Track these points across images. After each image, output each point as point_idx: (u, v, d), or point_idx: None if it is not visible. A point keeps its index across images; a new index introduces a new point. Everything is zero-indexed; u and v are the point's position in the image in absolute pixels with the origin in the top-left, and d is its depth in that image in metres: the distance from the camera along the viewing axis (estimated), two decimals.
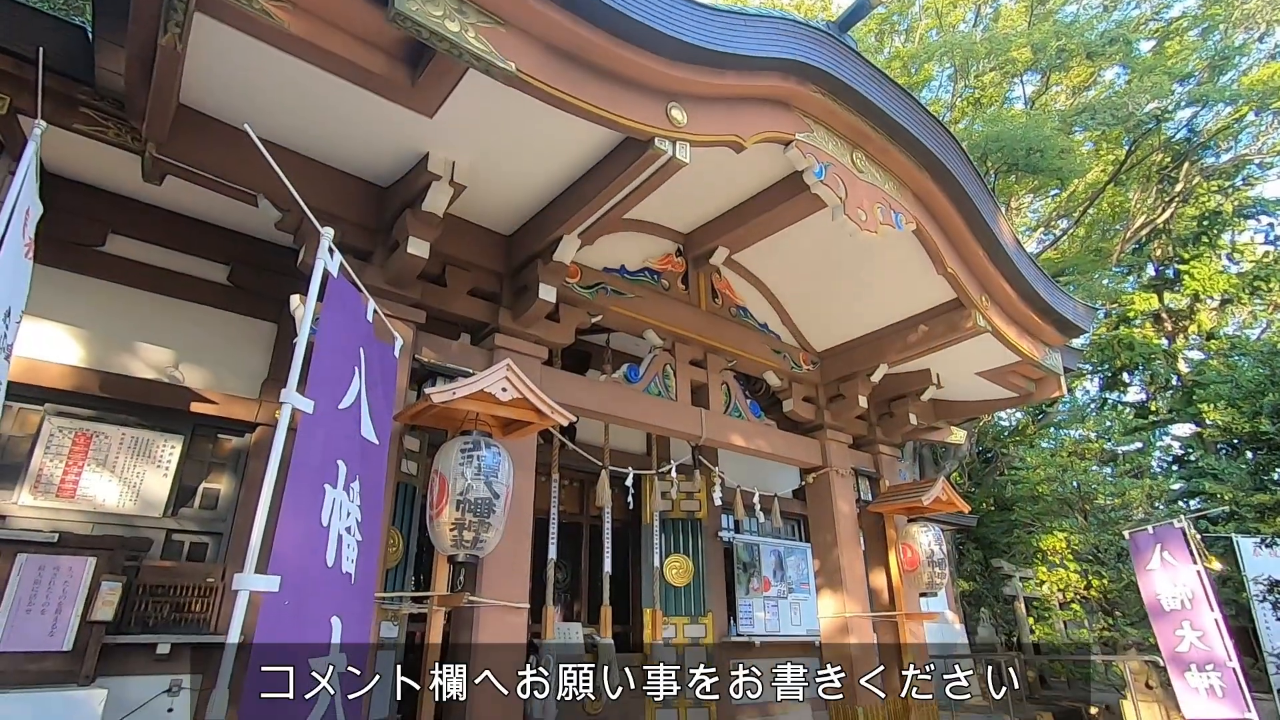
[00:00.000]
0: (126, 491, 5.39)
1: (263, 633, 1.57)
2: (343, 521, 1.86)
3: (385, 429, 2.24)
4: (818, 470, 7.01)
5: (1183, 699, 6.34)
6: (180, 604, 5.27)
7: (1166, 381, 18.77)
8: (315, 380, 1.83)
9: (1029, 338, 6.53)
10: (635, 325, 5.85)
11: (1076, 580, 12.75)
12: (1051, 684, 14.36)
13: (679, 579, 8.10)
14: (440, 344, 4.67)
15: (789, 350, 7.07)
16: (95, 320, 5.57)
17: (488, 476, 3.73)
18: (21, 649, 4.38)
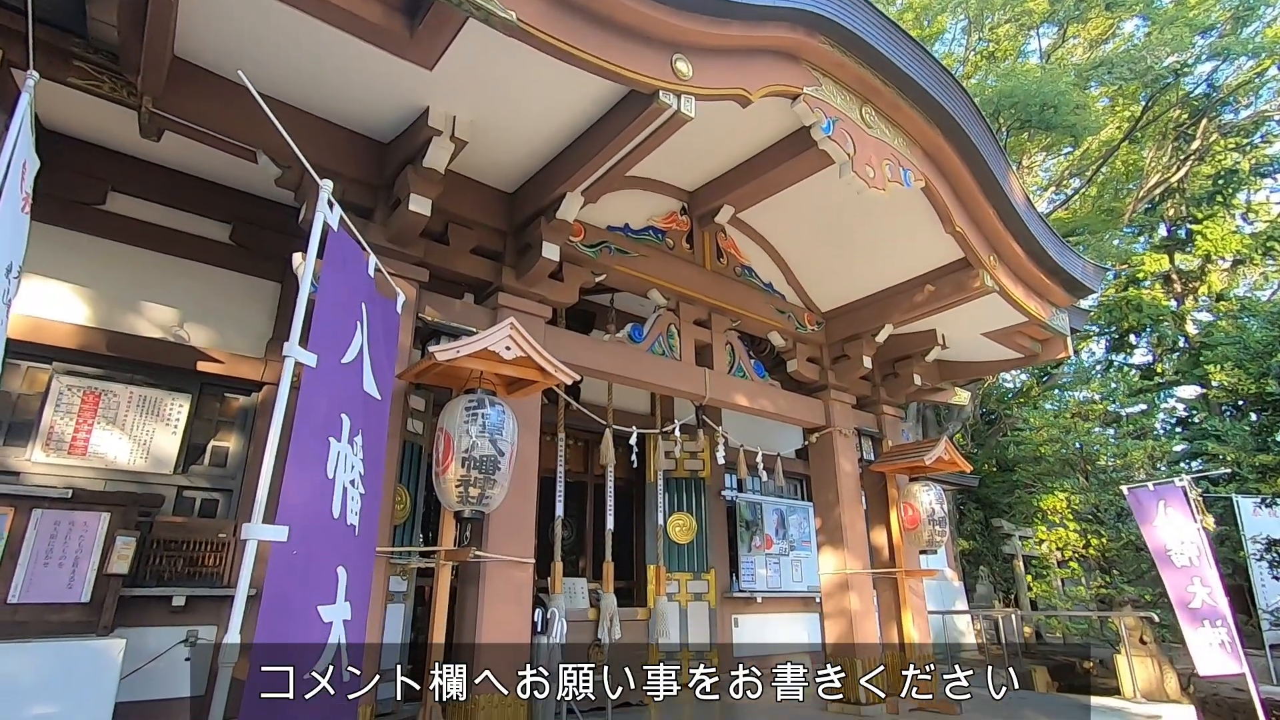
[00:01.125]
0: (137, 449, 5.46)
1: (272, 581, 1.60)
2: (347, 474, 1.88)
3: (388, 385, 2.24)
4: (821, 430, 7.04)
5: (1196, 654, 6.42)
6: (194, 558, 5.39)
7: (1173, 343, 18.67)
8: (317, 335, 1.83)
9: (1036, 298, 6.48)
10: (639, 285, 5.82)
11: (1076, 539, 12.90)
12: (1047, 639, 14.66)
13: (682, 536, 8.23)
14: (444, 303, 4.65)
15: (794, 310, 7.04)
16: (99, 279, 5.56)
17: (492, 434, 3.76)
18: (42, 600, 4.50)
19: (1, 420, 5.06)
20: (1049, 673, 10.47)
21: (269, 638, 1.56)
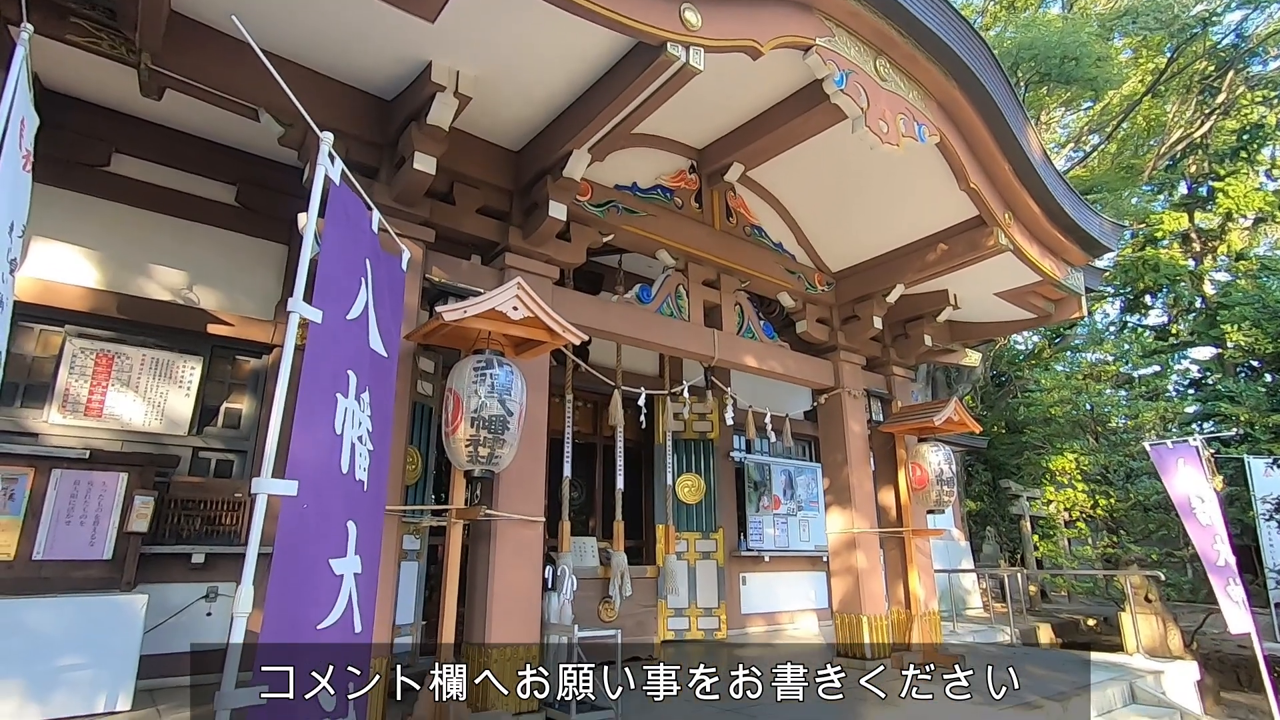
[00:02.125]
0: (151, 411, 5.53)
1: (283, 534, 1.62)
2: (355, 430, 1.89)
3: (394, 343, 2.23)
4: (830, 391, 7.02)
5: (1226, 612, 6.46)
6: (211, 517, 5.50)
7: (1190, 304, 18.41)
8: (321, 291, 1.82)
9: (1051, 256, 6.37)
10: (647, 245, 5.76)
11: (1084, 500, 12.95)
12: (1052, 598, 14.83)
13: (691, 497, 8.30)
14: (450, 263, 4.63)
15: (804, 271, 6.96)
16: (107, 242, 5.57)
17: (501, 394, 3.77)
18: (65, 557, 4.62)
19: (17, 382, 5.13)
20: (1052, 629, 10.62)
21: (281, 589, 1.59)
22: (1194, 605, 11.98)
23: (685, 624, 7.87)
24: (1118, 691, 5.55)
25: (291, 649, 1.63)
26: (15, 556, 4.46)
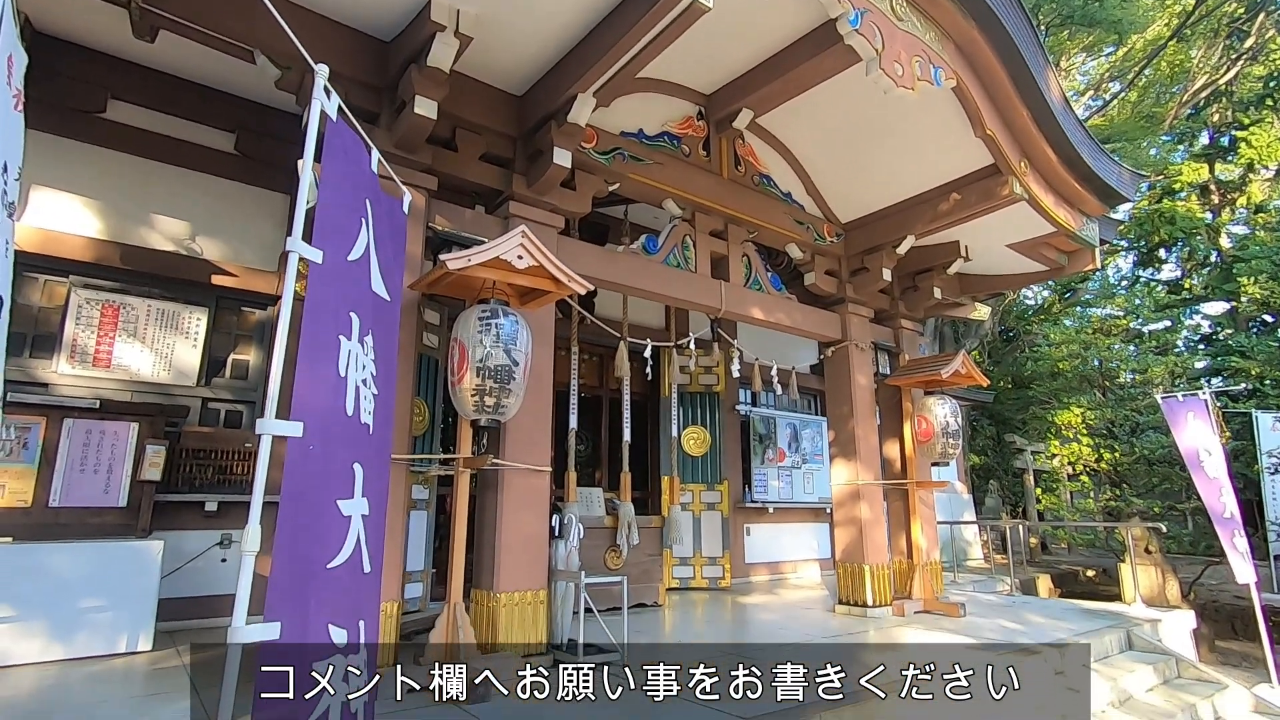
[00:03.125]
0: (159, 362, 5.55)
1: (290, 475, 1.63)
2: (359, 374, 1.88)
3: (397, 286, 2.20)
4: (837, 344, 6.98)
5: (1232, 562, 6.55)
6: (222, 467, 5.58)
7: (1205, 258, 18.12)
8: (321, 230, 1.78)
9: (1067, 206, 6.23)
10: (654, 194, 5.65)
11: (1088, 454, 12.98)
12: (1052, 550, 15.04)
13: (696, 449, 8.36)
14: (454, 212, 4.56)
15: (812, 221, 6.84)
16: (108, 191, 5.51)
17: (506, 344, 3.75)
18: (81, 504, 4.71)
19: (25, 333, 5.14)
20: (1052, 580, 10.79)
21: (289, 529, 1.60)
22: (1193, 557, 12.13)
23: (690, 573, 8.02)
24: (1115, 639, 5.65)
25: (302, 587, 1.65)
26: (33, 503, 4.55)
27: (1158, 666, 5.33)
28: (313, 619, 1.67)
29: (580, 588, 4.34)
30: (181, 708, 3.31)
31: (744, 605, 7.02)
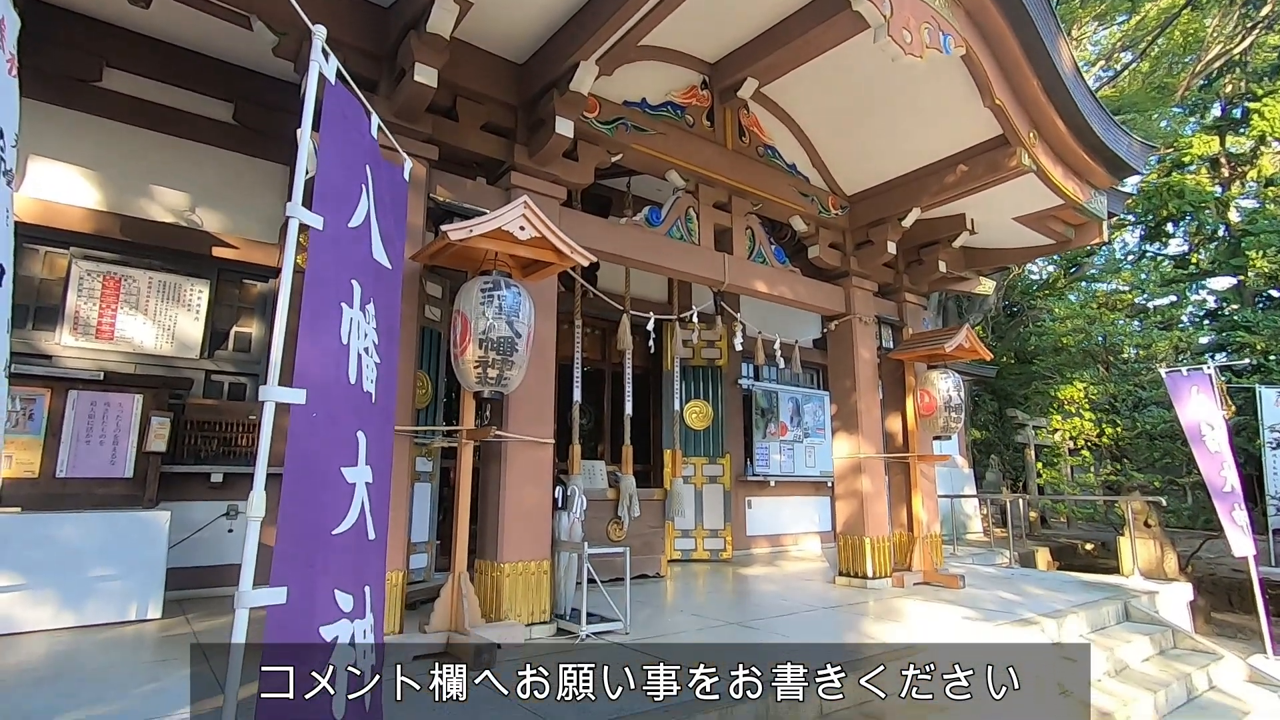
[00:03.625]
0: (162, 334, 5.55)
1: (294, 442, 1.63)
2: (361, 341, 1.87)
3: (398, 254, 2.18)
4: (841, 318, 6.95)
5: (1230, 536, 6.60)
6: (227, 438, 5.61)
7: (1213, 232, 17.95)
8: (321, 196, 1.76)
9: (1075, 179, 6.15)
10: (657, 165, 5.59)
11: (1090, 428, 13.02)
12: (1052, 524, 15.15)
13: (698, 423, 8.39)
14: (455, 182, 4.51)
15: (817, 194, 6.77)
16: (107, 162, 5.46)
17: (509, 316, 3.74)
18: (87, 475, 4.74)
19: (28, 305, 5.14)
20: (1051, 553, 10.89)
21: (294, 496, 1.61)
22: (1192, 532, 12.22)
23: (691, 544, 8.10)
24: (1112, 610, 5.71)
25: (307, 553, 1.66)
26: (40, 474, 4.59)
27: (1154, 637, 5.39)
28: (319, 584, 1.68)
29: (584, 558, 4.38)
30: (195, 672, 3.37)
31: (745, 576, 7.09)
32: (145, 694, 3.04)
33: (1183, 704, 4.63)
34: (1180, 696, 4.66)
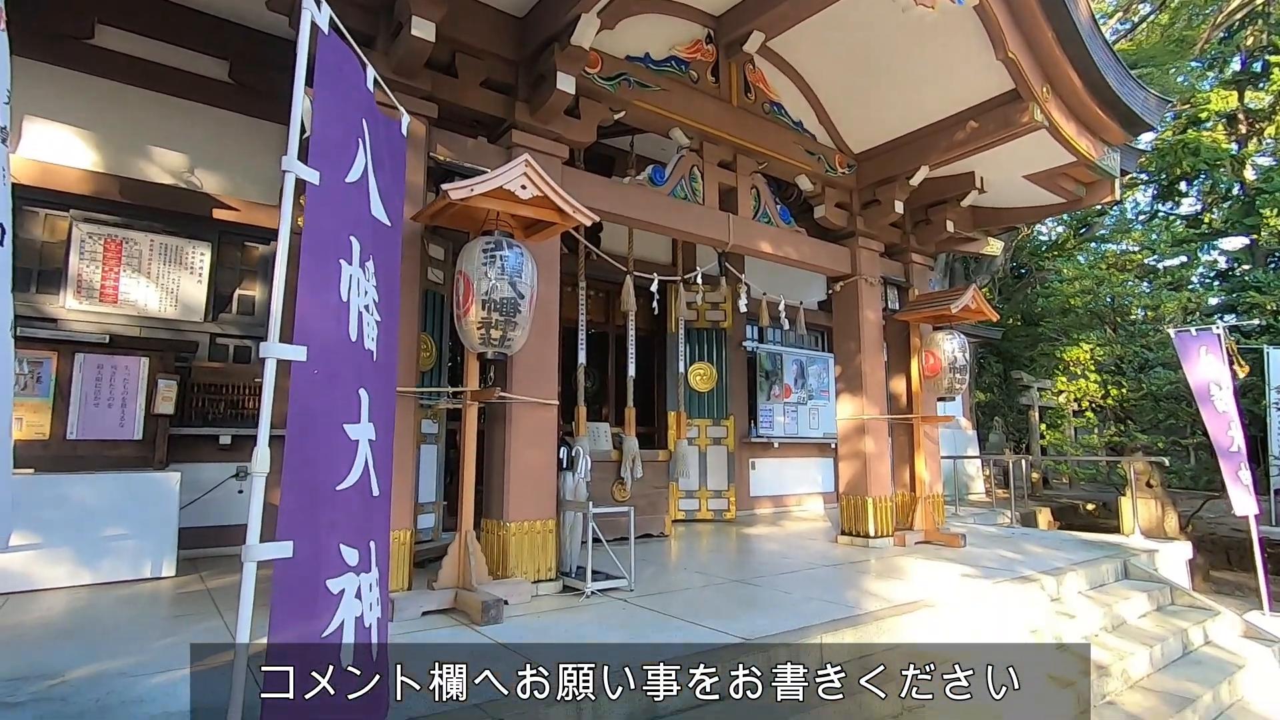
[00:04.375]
0: (165, 297, 5.55)
1: (295, 399, 1.63)
2: (361, 299, 1.86)
3: (397, 211, 2.15)
4: (847, 279, 6.89)
5: (1234, 496, 6.63)
6: (234, 401, 5.65)
7: (1227, 191, 17.63)
8: (317, 150, 1.73)
9: (1088, 135, 6.02)
10: (661, 122, 5.48)
11: (1095, 390, 12.99)
12: (1054, 485, 15.24)
13: (702, 385, 8.41)
14: (455, 141, 4.44)
15: (824, 152, 6.65)
16: (104, 122, 5.40)
17: (512, 277, 3.72)
18: (97, 437, 4.80)
19: (30, 268, 5.13)
20: (1052, 513, 10.96)
21: (297, 452, 1.62)
22: (1193, 492, 12.28)
23: (695, 505, 8.19)
24: (1111, 568, 5.77)
25: (312, 509, 1.68)
26: (50, 436, 4.64)
27: (1152, 594, 5.45)
28: (324, 539, 1.70)
29: (588, 517, 4.44)
30: (211, 626, 3.45)
31: (748, 536, 7.18)
32: (163, 647, 3.12)
33: (1178, 658, 4.71)
34: (1176, 651, 4.74)
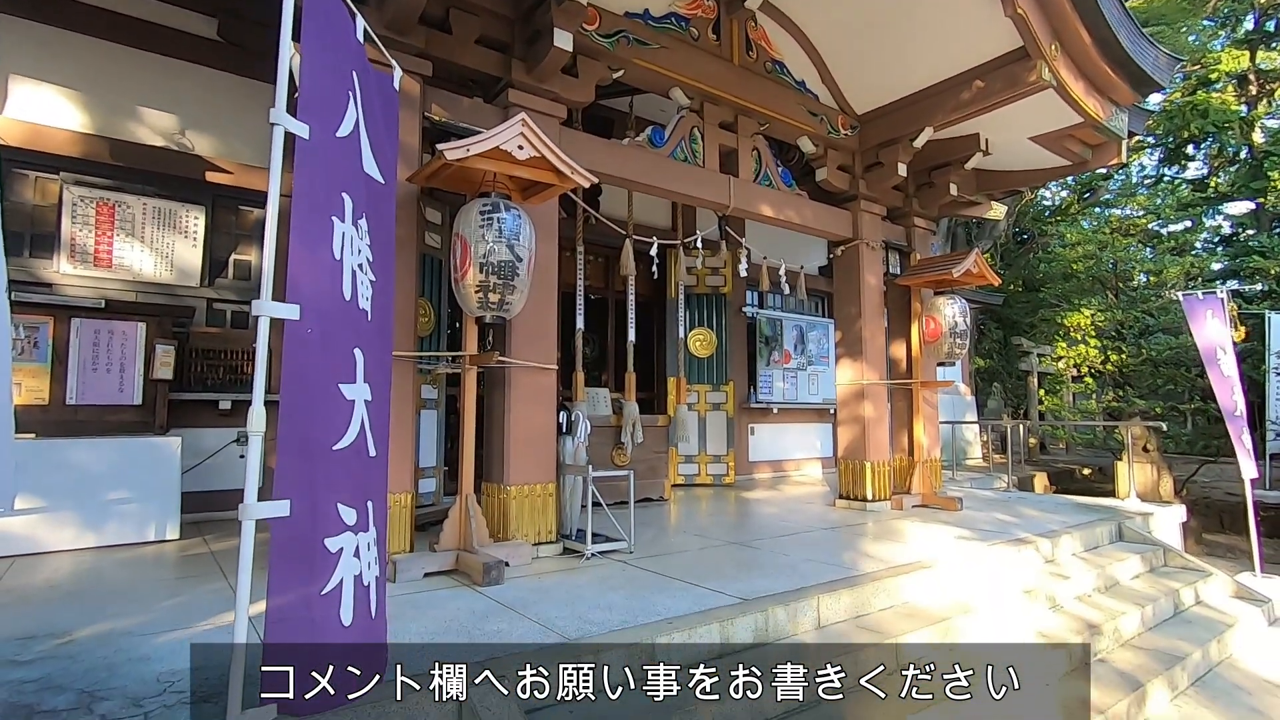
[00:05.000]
0: (161, 262, 5.50)
1: (289, 358, 1.62)
2: (354, 258, 1.82)
3: (390, 168, 2.11)
4: (848, 243, 6.83)
5: (1241, 460, 6.66)
6: (233, 366, 5.64)
7: (1235, 154, 17.38)
8: (306, 103, 1.68)
9: (1096, 95, 5.89)
10: (660, 82, 5.37)
11: (1095, 355, 12.99)
12: (1051, 450, 15.34)
13: (702, 350, 8.40)
14: (450, 100, 4.35)
15: (827, 113, 6.53)
16: (92, 82, 5.29)
17: (509, 239, 3.67)
18: (97, 402, 4.80)
19: (23, 232, 5.08)
20: (1048, 478, 11.06)
21: (292, 412, 1.61)
22: (1189, 457, 12.37)
23: (695, 470, 8.25)
24: (1106, 530, 5.83)
25: (308, 468, 1.68)
26: (50, 401, 4.64)
27: (1145, 556, 5.52)
28: (321, 498, 1.71)
29: (588, 481, 4.46)
30: (215, 587, 3.50)
31: (747, 500, 7.25)
32: (169, 607, 3.16)
33: (1169, 618, 4.78)
34: (1167, 610, 4.81)
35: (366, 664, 1.88)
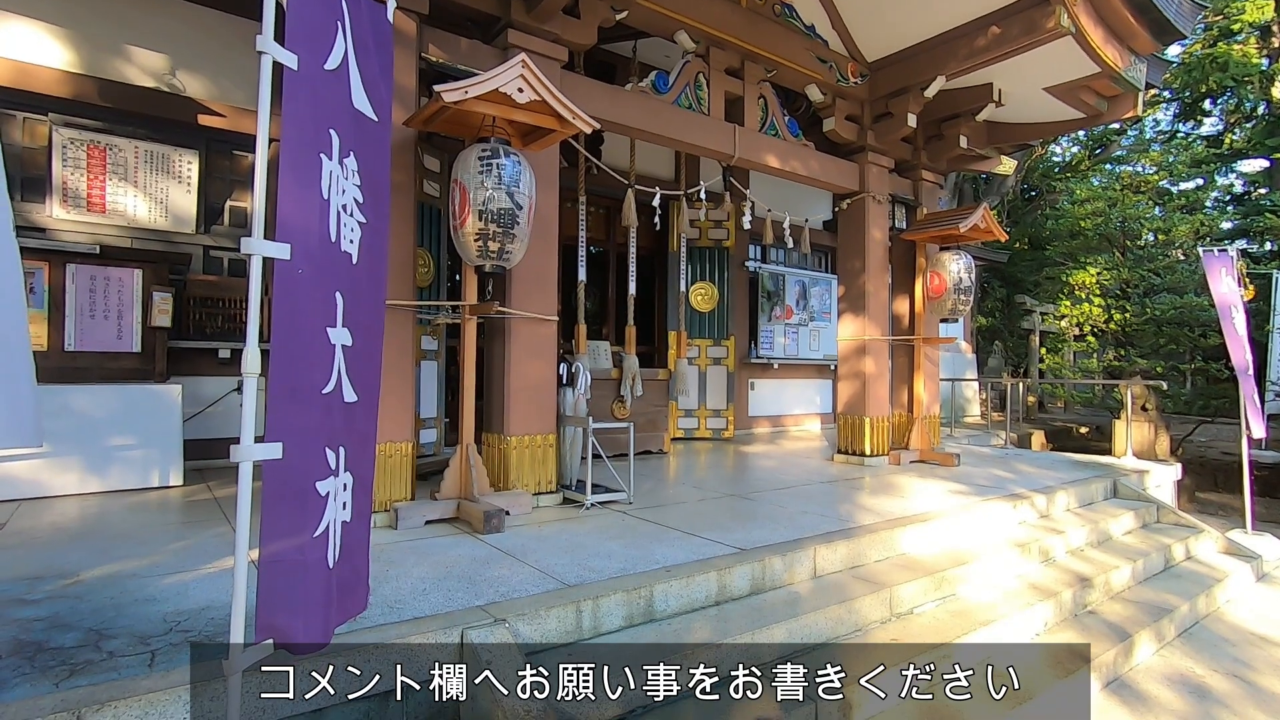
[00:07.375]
0: (155, 207, 5.42)
1: (279, 300, 1.59)
2: (340, 198, 1.77)
3: (384, 105, 2.03)
4: (854, 196, 6.71)
5: (1251, 418, 6.69)
6: (232, 315, 5.61)
7: (1251, 110, 16.95)
8: (293, 32, 1.60)
9: (1115, 43, 5.70)
10: (665, 24, 5.18)
11: (1098, 314, 12.92)
12: (1049, 408, 15.40)
13: (703, 304, 8.34)
14: (448, 41, 4.20)
15: (836, 59, 6.33)
16: (78, 19, 5.11)
17: (509, 186, 3.59)
18: (96, 349, 4.78)
19: (13, 175, 4.97)
20: (1045, 435, 11.12)
21: (283, 356, 1.59)
22: (1187, 417, 12.41)
23: (695, 423, 8.29)
24: (1101, 487, 5.88)
25: (299, 410, 1.67)
26: (49, 347, 4.62)
27: (1139, 512, 5.58)
28: (311, 442, 1.70)
29: (588, 432, 4.47)
30: (219, 531, 3.54)
31: (746, 454, 7.30)
32: (175, 550, 3.20)
33: (1159, 572, 4.85)
34: (1158, 565, 4.88)
35: (349, 602, 1.90)
